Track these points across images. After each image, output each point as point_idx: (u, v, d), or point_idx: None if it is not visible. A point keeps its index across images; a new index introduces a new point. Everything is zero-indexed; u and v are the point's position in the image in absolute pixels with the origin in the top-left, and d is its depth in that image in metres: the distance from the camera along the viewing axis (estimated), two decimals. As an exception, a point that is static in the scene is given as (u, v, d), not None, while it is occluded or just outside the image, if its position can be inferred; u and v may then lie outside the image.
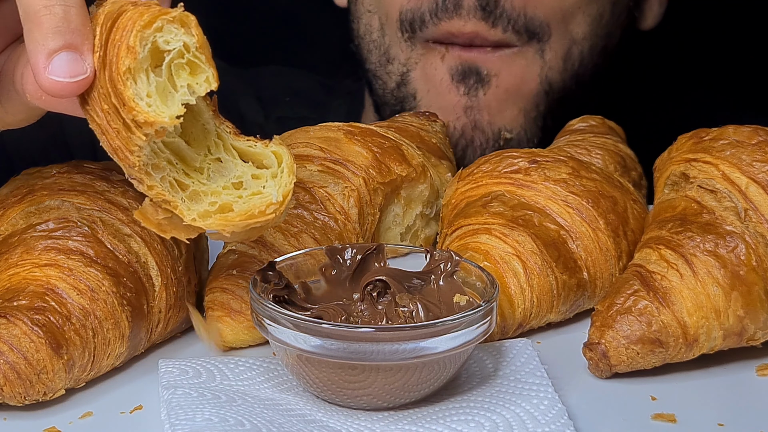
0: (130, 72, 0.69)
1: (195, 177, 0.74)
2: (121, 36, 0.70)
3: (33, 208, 0.85)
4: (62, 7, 0.71)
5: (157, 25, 0.70)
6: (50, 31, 0.71)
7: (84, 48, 0.72)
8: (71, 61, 0.71)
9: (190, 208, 0.73)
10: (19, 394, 0.77)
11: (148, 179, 0.72)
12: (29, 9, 0.72)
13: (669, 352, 0.83)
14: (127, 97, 0.69)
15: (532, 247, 0.89)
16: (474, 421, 0.76)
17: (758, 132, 0.87)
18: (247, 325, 0.86)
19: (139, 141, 0.70)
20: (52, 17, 0.71)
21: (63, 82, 0.71)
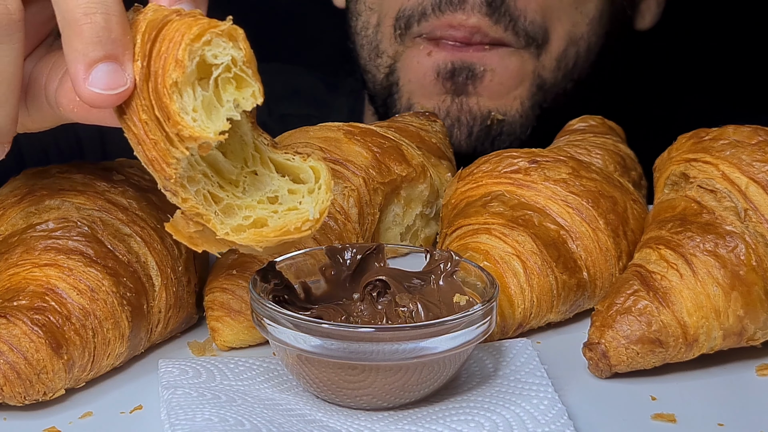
0: (177, 85, 0.68)
1: (230, 190, 0.72)
2: (168, 48, 0.68)
3: (33, 208, 0.85)
4: (103, 15, 0.70)
5: (206, 39, 0.68)
6: (91, 41, 0.69)
7: (125, 58, 0.70)
8: (112, 72, 0.70)
9: (224, 222, 0.71)
10: (19, 394, 0.77)
11: (183, 192, 0.70)
12: (69, 16, 0.70)
13: (669, 352, 0.83)
14: (173, 111, 0.68)
15: (532, 247, 0.89)
16: (474, 421, 0.76)
17: (758, 132, 0.87)
18: (247, 325, 0.86)
19: (180, 155, 0.69)
20: (92, 26, 0.69)
21: (103, 94, 0.70)
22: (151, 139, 0.70)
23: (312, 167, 0.74)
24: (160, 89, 0.68)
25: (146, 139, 0.70)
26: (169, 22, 0.70)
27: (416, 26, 1.20)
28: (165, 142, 0.69)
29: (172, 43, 0.68)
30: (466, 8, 1.17)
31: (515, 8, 1.17)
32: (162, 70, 0.68)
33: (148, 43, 0.70)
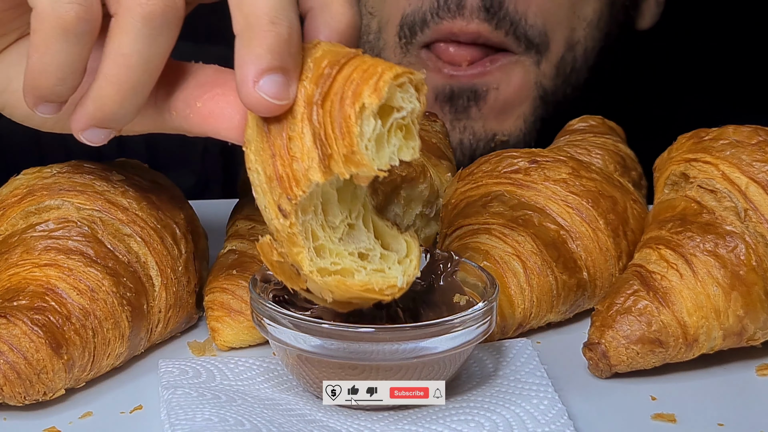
0: (365, 111, 0.69)
1: (328, 233, 0.73)
2: (363, 77, 0.69)
3: (33, 208, 0.85)
4: (287, 28, 0.70)
5: (403, 81, 0.70)
6: (271, 48, 0.70)
7: (293, 75, 0.71)
8: (281, 84, 0.70)
9: (313, 260, 0.72)
10: (19, 394, 0.76)
11: (294, 216, 0.71)
12: (253, 21, 0.70)
13: (669, 352, 0.83)
14: (354, 132, 0.69)
15: (532, 247, 0.89)
16: (474, 421, 0.76)
17: (758, 132, 0.87)
18: (247, 325, 0.86)
19: (339, 174, 0.70)
20: (276, 36, 0.70)
21: (269, 101, 0.70)
22: (290, 155, 0.71)
23: (407, 241, 0.76)
24: (347, 109, 0.69)
25: (285, 154, 0.71)
26: (358, 56, 0.71)
27: (420, 34, 1.20)
28: (311, 160, 0.70)
29: (368, 74, 0.70)
30: (465, 14, 1.17)
31: (515, 12, 1.17)
32: (353, 93, 0.69)
33: (332, 68, 0.71)
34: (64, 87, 0.73)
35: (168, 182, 0.92)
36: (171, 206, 0.89)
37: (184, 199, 0.93)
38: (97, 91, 0.73)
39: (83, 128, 0.75)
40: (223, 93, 0.75)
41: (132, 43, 0.71)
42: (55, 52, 0.71)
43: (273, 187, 0.71)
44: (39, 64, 0.72)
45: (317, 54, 0.72)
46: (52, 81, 0.72)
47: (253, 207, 0.93)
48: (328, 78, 0.70)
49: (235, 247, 0.91)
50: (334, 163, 0.70)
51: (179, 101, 0.76)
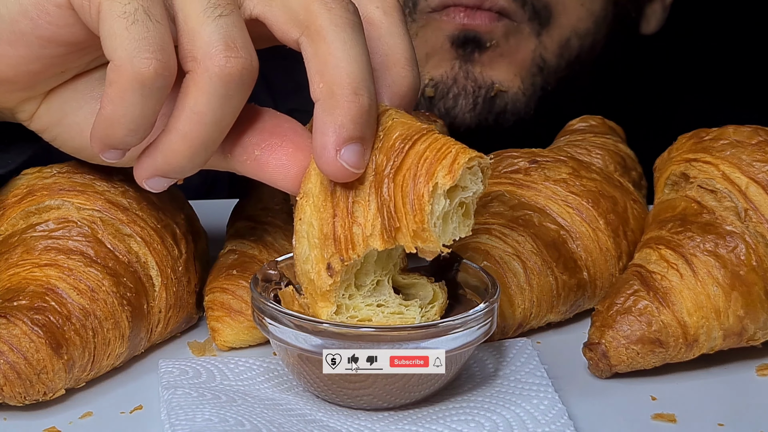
0: (437, 191, 0.71)
1: (352, 292, 0.75)
2: (436, 156, 0.71)
3: (33, 208, 0.85)
4: (369, 100, 0.72)
5: (472, 165, 0.72)
6: (353, 119, 0.71)
7: (370, 144, 0.73)
8: (359, 153, 0.72)
9: (331, 315, 0.74)
10: (19, 394, 0.76)
11: (338, 276, 0.73)
12: (336, 90, 0.72)
13: (669, 352, 0.83)
14: (426, 210, 0.71)
15: (532, 247, 0.89)
16: (474, 421, 0.76)
17: (758, 132, 0.87)
18: (247, 325, 0.86)
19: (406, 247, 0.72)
20: (359, 107, 0.72)
21: (348, 170, 0.72)
22: (352, 219, 0.73)
23: (435, 291, 0.78)
24: (420, 188, 0.71)
25: (347, 217, 0.73)
26: (430, 133, 0.73)
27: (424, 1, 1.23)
28: (373, 228, 0.72)
29: (442, 154, 0.71)
30: None
31: None
32: (426, 172, 0.71)
33: (404, 143, 0.72)
34: (134, 138, 0.73)
35: (168, 182, 0.92)
36: (171, 206, 0.89)
37: (184, 199, 0.93)
38: (167, 144, 0.74)
39: (148, 177, 0.76)
40: (281, 144, 0.76)
41: (207, 102, 0.72)
42: (129, 105, 0.71)
43: (327, 245, 0.73)
44: (112, 115, 0.72)
45: (387, 123, 0.74)
46: (123, 132, 0.73)
47: (254, 207, 0.93)
48: (401, 152, 0.72)
49: (235, 247, 0.91)
50: (401, 236, 0.72)
51: (237, 146, 0.77)
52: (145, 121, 0.72)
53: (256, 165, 0.77)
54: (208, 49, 0.71)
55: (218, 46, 0.71)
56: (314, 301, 0.74)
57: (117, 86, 0.71)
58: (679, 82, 1.55)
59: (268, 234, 0.90)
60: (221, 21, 0.72)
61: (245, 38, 0.73)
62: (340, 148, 0.72)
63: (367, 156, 0.73)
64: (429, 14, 1.24)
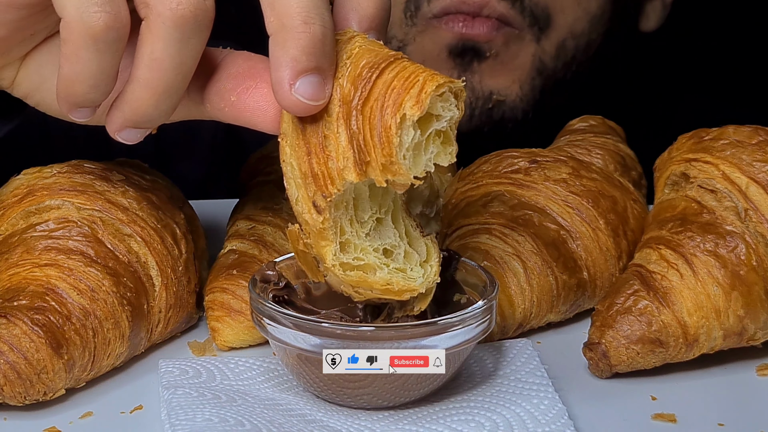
0: (405, 122, 0.69)
1: (355, 228, 0.73)
2: (404, 86, 0.69)
3: (33, 208, 0.85)
4: (321, 27, 0.70)
5: (443, 92, 0.70)
6: (306, 49, 0.70)
7: (329, 73, 0.71)
8: (317, 84, 0.71)
9: (336, 254, 0.72)
10: (20, 393, 0.76)
11: (328, 212, 0.71)
12: (287, 21, 0.70)
13: (669, 352, 0.83)
14: (394, 143, 0.69)
15: (532, 246, 0.89)
16: (474, 421, 0.76)
17: (758, 132, 0.87)
18: (247, 325, 0.86)
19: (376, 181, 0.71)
20: (311, 36, 0.70)
21: (306, 103, 0.71)
22: (326, 153, 0.71)
23: (427, 245, 0.76)
24: (388, 120, 0.69)
25: (320, 152, 0.71)
26: (398, 60, 0.71)
27: (426, 5, 1.23)
28: (346, 160, 0.70)
29: (410, 83, 0.70)
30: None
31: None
32: (394, 103, 0.69)
33: (371, 71, 0.71)
34: (97, 94, 0.73)
35: (168, 182, 0.92)
36: (171, 206, 0.89)
37: (184, 199, 0.93)
38: (131, 94, 0.73)
39: (118, 130, 0.75)
40: (256, 86, 0.75)
41: (164, 47, 0.71)
42: (86, 61, 0.71)
43: (308, 183, 0.72)
44: (71, 73, 0.72)
45: (354, 50, 0.72)
46: (84, 89, 0.72)
47: (254, 207, 0.93)
48: (368, 82, 0.70)
49: (235, 247, 0.91)
50: (371, 170, 0.70)
51: (213, 94, 0.76)
52: (105, 75, 0.72)
53: (234, 110, 0.75)
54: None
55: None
56: (316, 242, 0.72)
57: (70, 44, 0.70)
58: (679, 82, 1.55)
59: (268, 234, 0.91)
60: None
61: None
62: (294, 82, 0.70)
63: (328, 87, 0.71)
64: (429, 20, 1.23)
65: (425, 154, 0.71)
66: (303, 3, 0.70)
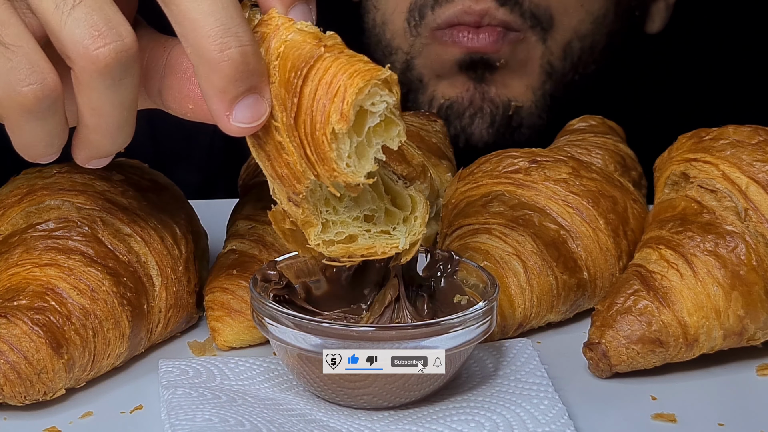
0: (336, 136, 0.68)
1: (331, 205, 0.73)
2: (327, 94, 0.68)
3: (33, 208, 0.85)
4: (239, 50, 0.68)
5: (370, 91, 0.68)
6: (231, 78, 0.69)
7: (262, 85, 0.70)
8: (254, 104, 0.70)
9: (317, 234, 0.73)
10: (20, 393, 0.76)
11: (305, 204, 0.71)
12: (203, 53, 0.69)
13: (669, 352, 0.83)
14: (330, 158, 0.69)
15: (532, 246, 0.89)
16: (474, 421, 0.76)
17: (758, 132, 0.87)
18: (247, 324, 0.86)
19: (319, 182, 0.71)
20: (230, 63, 0.68)
21: (248, 127, 0.70)
22: (284, 158, 0.71)
23: (411, 196, 0.75)
24: (319, 136, 0.68)
25: (278, 156, 0.71)
26: (320, 59, 0.69)
27: (431, 14, 1.23)
28: (306, 165, 0.70)
29: (333, 92, 0.68)
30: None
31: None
32: (322, 117, 0.68)
33: (296, 79, 0.69)
34: (53, 148, 0.73)
35: (168, 182, 0.92)
36: (171, 206, 0.89)
37: (184, 199, 0.93)
38: (84, 137, 0.73)
39: (85, 163, 0.76)
40: None
41: (98, 95, 0.70)
42: (30, 130, 0.71)
43: (277, 183, 0.72)
44: (21, 142, 0.72)
45: (280, 48, 0.71)
46: (40, 150, 0.73)
47: (253, 207, 0.93)
48: (295, 93, 0.69)
49: (235, 247, 0.91)
50: (322, 179, 0.70)
51: (171, 102, 0.75)
52: (54, 133, 0.72)
53: (196, 115, 0.74)
54: (76, 48, 0.69)
55: (83, 41, 0.68)
56: (301, 225, 0.73)
57: (10, 119, 0.71)
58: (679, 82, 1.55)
59: (268, 234, 0.91)
60: (76, 12, 0.68)
61: (109, 18, 0.69)
62: (229, 112, 0.70)
63: (266, 98, 0.70)
64: (433, 31, 1.23)
65: (370, 149, 0.70)
66: (212, 27, 0.68)
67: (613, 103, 1.27)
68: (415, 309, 0.77)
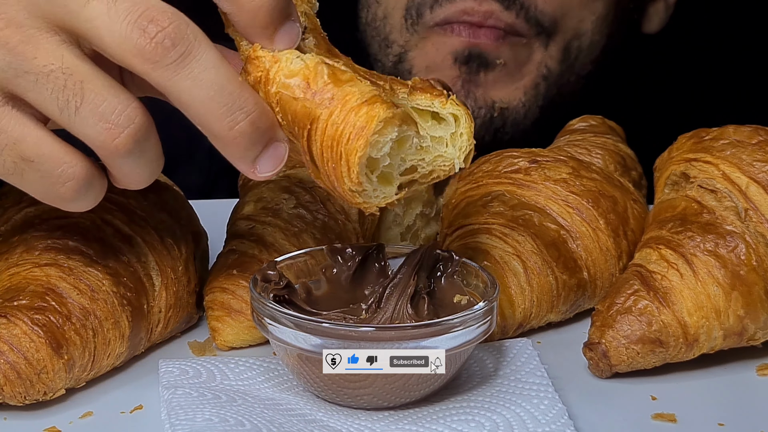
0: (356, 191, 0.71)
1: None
2: (333, 157, 0.70)
3: (33, 208, 0.85)
4: (248, 121, 0.71)
5: (374, 141, 0.70)
6: (246, 147, 0.72)
7: (276, 134, 0.73)
8: (273, 155, 0.73)
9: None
10: (20, 393, 0.76)
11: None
12: (216, 134, 0.71)
13: (669, 352, 0.83)
14: (358, 201, 0.71)
15: (532, 246, 0.89)
16: (474, 421, 0.76)
17: (758, 132, 0.87)
18: (247, 324, 0.86)
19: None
20: (242, 136, 0.71)
21: (274, 173, 0.73)
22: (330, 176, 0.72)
23: (452, 114, 0.75)
24: (340, 192, 0.71)
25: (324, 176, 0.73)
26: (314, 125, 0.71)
27: (429, 14, 1.23)
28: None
29: (337, 157, 0.70)
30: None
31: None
32: (336, 178, 0.71)
33: (300, 139, 0.72)
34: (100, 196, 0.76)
35: (168, 182, 0.92)
36: (171, 206, 0.89)
37: (185, 199, 0.93)
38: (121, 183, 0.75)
39: None
40: None
41: (128, 170, 0.73)
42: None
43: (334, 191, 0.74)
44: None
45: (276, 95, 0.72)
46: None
47: (254, 207, 0.93)
48: (305, 150, 0.72)
49: (235, 247, 0.91)
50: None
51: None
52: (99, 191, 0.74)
53: None
54: (93, 143, 0.71)
55: (99, 137, 0.71)
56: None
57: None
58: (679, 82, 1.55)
59: (268, 234, 0.90)
60: (82, 112, 0.70)
61: (114, 106, 0.71)
62: (255, 169, 0.73)
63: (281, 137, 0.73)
64: (431, 28, 1.23)
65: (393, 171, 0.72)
66: (218, 109, 0.70)
67: (613, 103, 1.27)
68: (416, 312, 0.77)
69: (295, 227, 0.91)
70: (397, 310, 0.77)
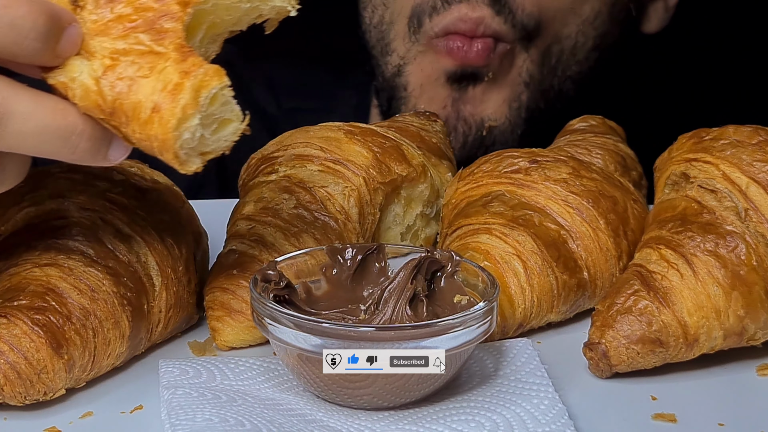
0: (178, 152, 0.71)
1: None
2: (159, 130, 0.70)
3: (33, 208, 0.85)
4: (83, 139, 0.72)
5: (184, 135, 0.70)
6: (94, 155, 0.73)
7: (112, 138, 0.73)
8: (118, 144, 0.73)
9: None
10: (20, 393, 0.76)
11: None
12: (66, 160, 0.73)
13: (669, 352, 0.83)
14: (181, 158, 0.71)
15: (532, 246, 0.89)
16: (474, 421, 0.76)
17: (758, 132, 0.87)
18: (247, 324, 0.86)
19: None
20: (85, 152, 0.72)
21: (126, 155, 0.74)
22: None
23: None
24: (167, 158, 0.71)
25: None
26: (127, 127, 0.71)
27: (428, 22, 1.25)
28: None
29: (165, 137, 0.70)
30: (471, 1, 1.23)
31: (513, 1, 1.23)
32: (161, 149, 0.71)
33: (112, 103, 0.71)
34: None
35: (168, 181, 0.92)
36: (171, 206, 0.89)
37: (185, 199, 0.93)
38: None
39: None
40: None
41: None
42: None
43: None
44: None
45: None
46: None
47: (254, 207, 0.93)
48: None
49: (235, 247, 0.91)
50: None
51: None
52: None
53: None
54: None
55: None
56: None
57: None
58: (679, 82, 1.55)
59: (268, 234, 0.91)
60: None
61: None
62: (109, 163, 0.74)
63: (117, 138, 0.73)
64: (430, 39, 1.25)
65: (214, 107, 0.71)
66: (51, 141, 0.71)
67: (613, 103, 1.27)
68: (415, 314, 0.77)
69: (295, 227, 0.91)
70: (396, 312, 0.77)
